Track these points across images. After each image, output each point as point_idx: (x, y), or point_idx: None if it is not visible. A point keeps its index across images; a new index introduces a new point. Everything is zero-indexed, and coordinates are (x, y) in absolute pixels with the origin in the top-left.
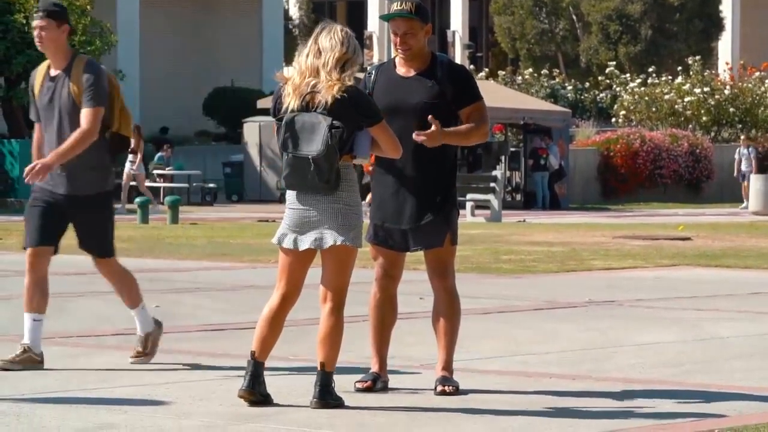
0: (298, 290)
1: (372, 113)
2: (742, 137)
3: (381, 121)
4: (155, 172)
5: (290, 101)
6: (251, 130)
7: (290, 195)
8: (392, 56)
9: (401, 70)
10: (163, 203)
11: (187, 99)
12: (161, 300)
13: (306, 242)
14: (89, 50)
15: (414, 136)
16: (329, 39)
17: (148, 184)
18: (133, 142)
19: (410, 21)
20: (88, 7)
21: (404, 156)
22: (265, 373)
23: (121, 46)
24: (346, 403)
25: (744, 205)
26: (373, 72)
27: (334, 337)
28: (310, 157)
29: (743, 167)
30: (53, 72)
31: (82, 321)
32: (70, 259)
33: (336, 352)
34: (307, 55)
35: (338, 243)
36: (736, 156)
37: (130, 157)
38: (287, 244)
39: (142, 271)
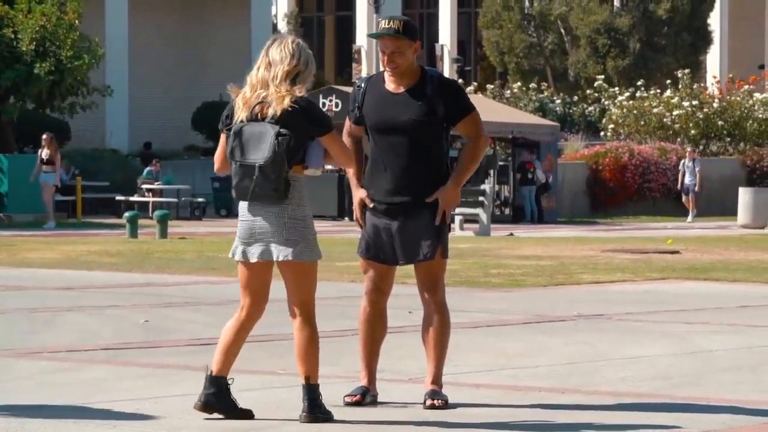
0: (262, 302)
1: (323, 123)
2: (688, 150)
3: (332, 131)
4: (144, 186)
5: (240, 113)
6: None
7: (241, 207)
8: (380, 69)
9: (391, 86)
10: (152, 217)
11: (175, 113)
12: (150, 314)
13: (255, 255)
14: (77, 65)
15: (437, 223)
16: (279, 51)
17: (136, 198)
18: (48, 152)
19: (398, 40)
20: (77, 21)
21: (397, 171)
22: (256, 387)
23: (110, 61)
24: (335, 417)
25: (689, 218)
26: (363, 85)
27: (310, 350)
28: (257, 164)
29: (687, 180)
30: None
31: (71, 335)
32: (58, 274)
33: (316, 364)
34: (258, 68)
35: (281, 258)
36: (681, 168)
37: (45, 168)
38: (239, 256)
39: (132, 286)
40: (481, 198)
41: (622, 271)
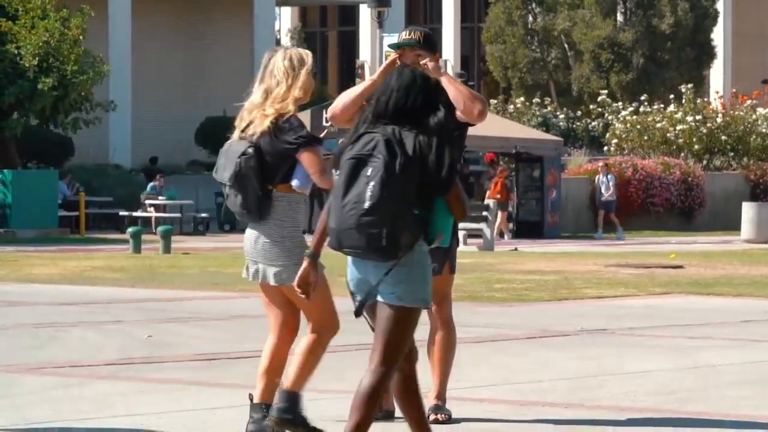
0: (286, 322)
1: (292, 141)
2: (600, 164)
3: (305, 148)
4: (147, 201)
5: (235, 132)
6: None
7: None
8: None
9: None
10: (155, 232)
11: (179, 129)
12: (154, 330)
13: (251, 274)
14: (81, 80)
15: (420, 61)
16: (271, 70)
17: (140, 214)
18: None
19: (417, 50)
20: (81, 37)
21: None
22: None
23: (113, 76)
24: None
25: (598, 233)
26: None
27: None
28: (225, 183)
29: (603, 196)
30: None
31: (75, 351)
32: (62, 289)
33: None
34: (258, 86)
35: (267, 281)
36: (596, 184)
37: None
38: (244, 274)
39: (135, 301)
40: (484, 213)
41: (626, 286)
